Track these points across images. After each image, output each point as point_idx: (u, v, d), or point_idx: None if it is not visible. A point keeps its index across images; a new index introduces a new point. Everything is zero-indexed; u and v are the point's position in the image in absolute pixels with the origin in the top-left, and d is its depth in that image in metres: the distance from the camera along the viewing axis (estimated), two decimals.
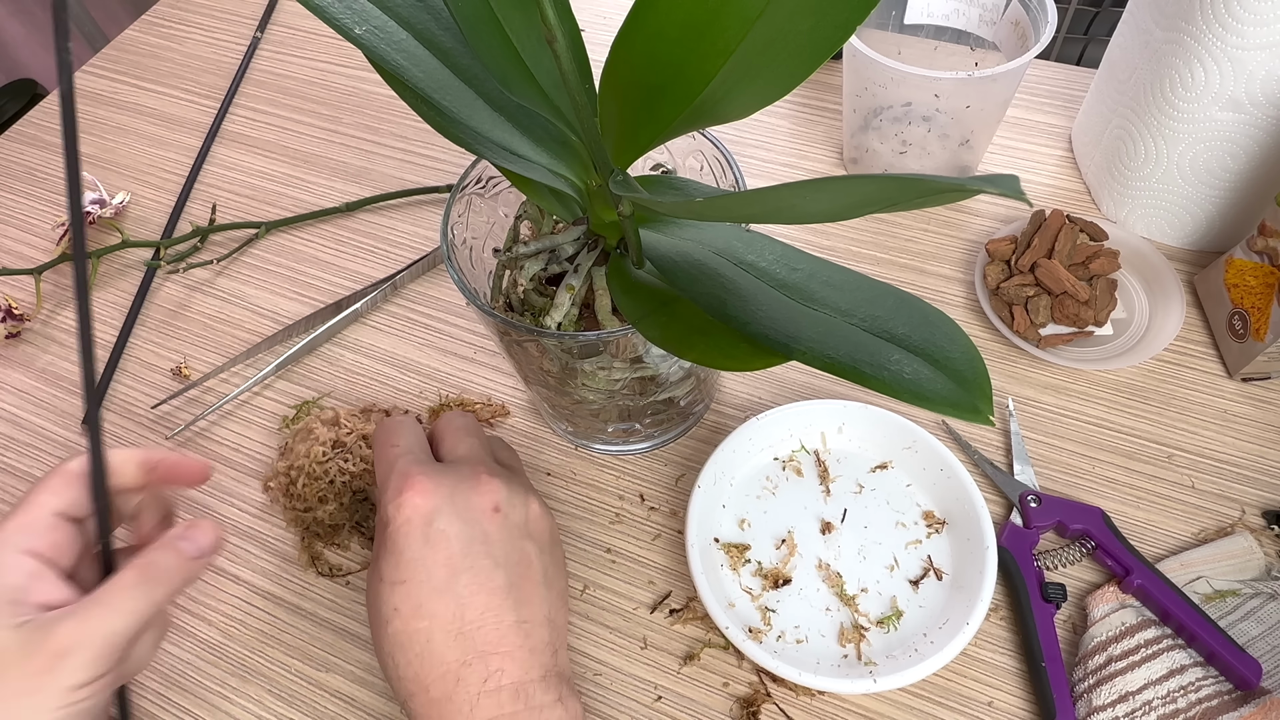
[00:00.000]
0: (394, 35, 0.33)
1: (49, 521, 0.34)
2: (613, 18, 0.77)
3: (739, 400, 0.55)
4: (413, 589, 0.36)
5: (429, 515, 0.37)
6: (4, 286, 0.65)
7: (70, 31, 0.28)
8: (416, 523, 0.37)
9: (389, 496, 0.38)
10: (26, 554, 0.33)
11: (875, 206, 0.27)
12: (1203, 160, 0.54)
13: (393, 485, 0.38)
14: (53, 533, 0.34)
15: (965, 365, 0.31)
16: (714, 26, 0.29)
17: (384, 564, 0.37)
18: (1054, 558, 0.47)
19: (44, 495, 0.35)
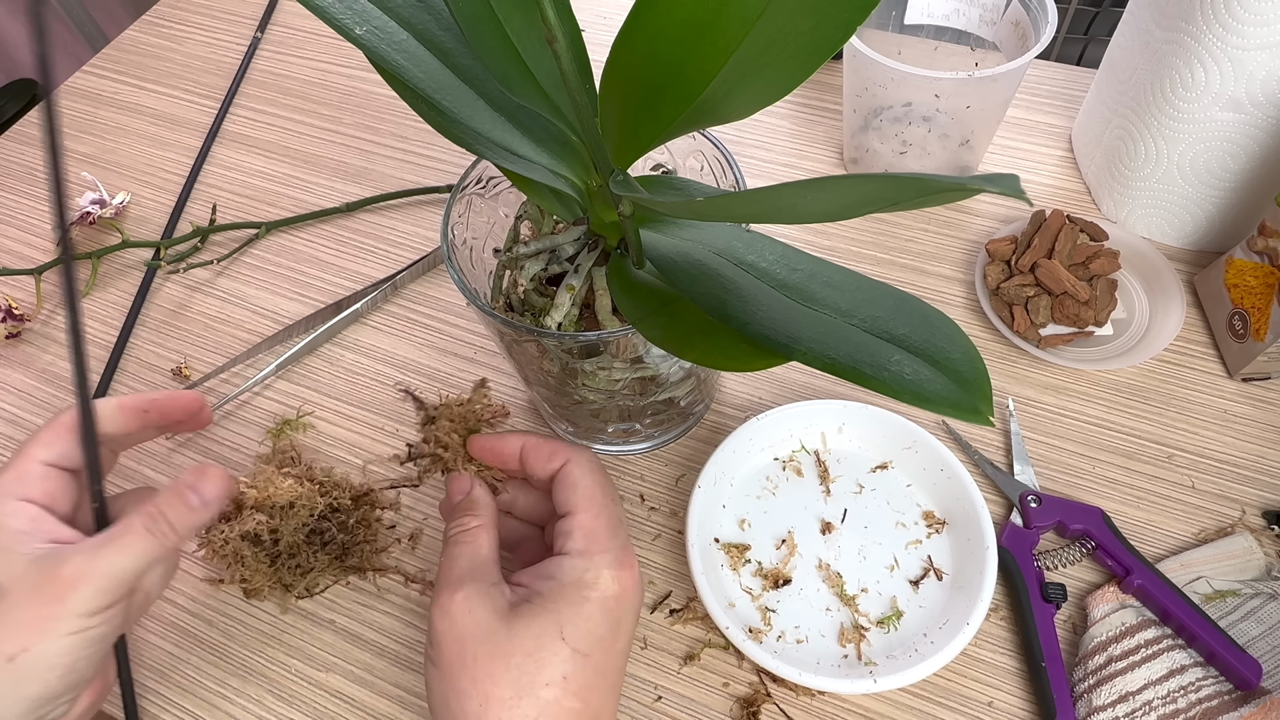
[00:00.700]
0: (394, 35, 0.33)
1: (41, 471, 0.36)
2: (613, 18, 0.77)
3: (739, 400, 0.55)
4: (589, 667, 0.34)
5: (627, 602, 0.36)
6: (4, 286, 0.65)
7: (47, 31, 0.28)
8: (623, 603, 0.35)
9: (610, 561, 0.36)
10: (23, 501, 0.35)
11: (876, 206, 0.27)
12: (1203, 160, 0.54)
13: (618, 552, 0.36)
14: (45, 482, 0.36)
15: (965, 366, 0.31)
16: (715, 27, 0.29)
17: (568, 620, 0.34)
18: (1054, 558, 0.47)
19: (34, 448, 0.37)
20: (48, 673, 0.33)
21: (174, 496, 0.36)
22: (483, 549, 0.37)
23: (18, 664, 0.32)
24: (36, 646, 0.32)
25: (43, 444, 0.37)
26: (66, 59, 1.47)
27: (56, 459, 0.37)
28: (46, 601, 0.33)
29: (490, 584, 0.36)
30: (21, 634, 0.32)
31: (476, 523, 0.38)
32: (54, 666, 0.33)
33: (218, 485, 0.37)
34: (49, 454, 0.37)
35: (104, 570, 0.34)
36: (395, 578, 0.49)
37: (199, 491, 0.37)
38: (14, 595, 0.33)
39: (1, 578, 0.33)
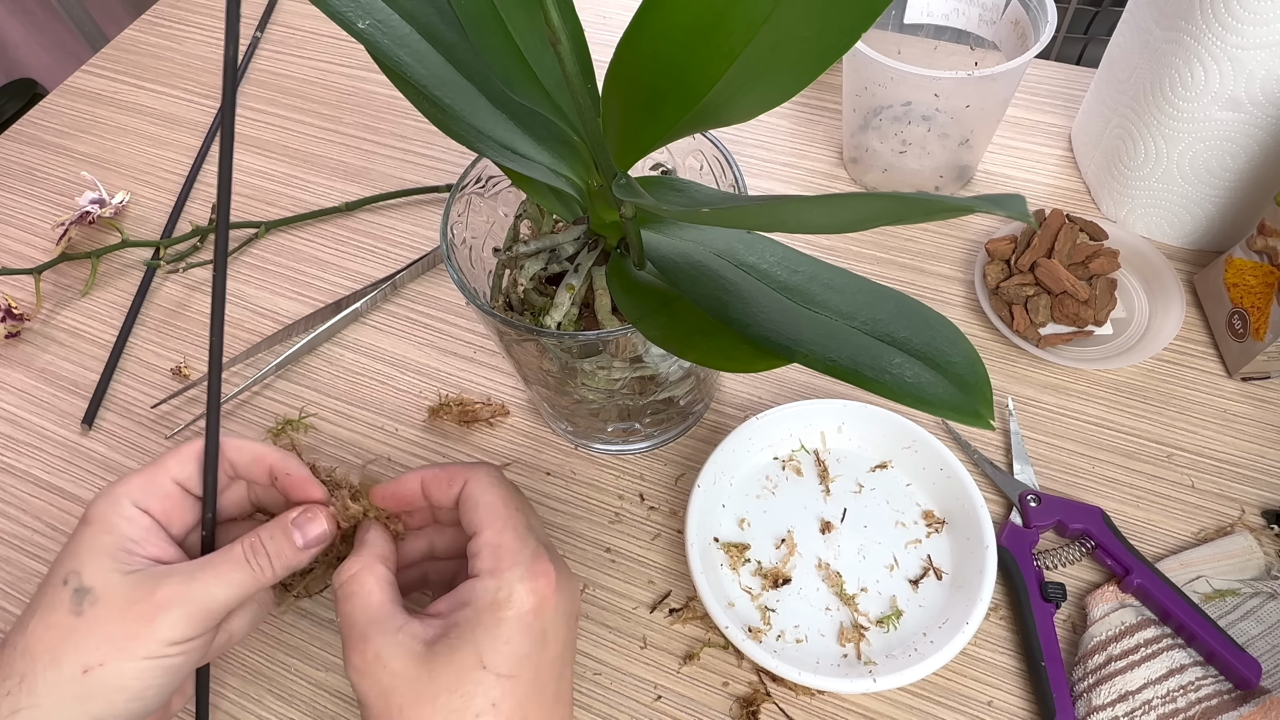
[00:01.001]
0: (397, 30, 0.33)
1: (167, 488, 0.36)
2: (614, 18, 0.77)
3: (739, 400, 0.55)
4: (519, 687, 0.33)
5: (549, 611, 0.34)
6: (4, 286, 0.65)
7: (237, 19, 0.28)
8: (544, 613, 0.34)
9: (521, 574, 0.34)
10: (143, 511, 0.35)
11: (880, 222, 0.27)
12: (1203, 160, 0.54)
13: (528, 563, 0.34)
14: (168, 499, 0.36)
15: (966, 369, 0.31)
16: (719, 30, 0.28)
17: (486, 647, 0.33)
18: (1054, 557, 0.47)
19: (170, 462, 0.37)
20: (116, 693, 0.32)
21: (279, 532, 0.36)
22: (372, 596, 0.35)
23: (91, 678, 0.32)
24: (113, 664, 0.32)
25: (178, 461, 0.37)
26: (66, 59, 1.47)
27: (186, 479, 0.37)
28: (135, 620, 0.33)
29: (395, 629, 0.33)
30: (104, 648, 0.32)
31: (356, 567, 0.36)
32: (124, 689, 0.33)
33: (322, 527, 0.37)
34: (181, 472, 0.37)
35: (197, 597, 0.34)
36: None
37: (303, 531, 0.37)
38: (105, 607, 0.33)
39: (98, 584, 0.33)
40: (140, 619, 0.32)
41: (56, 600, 0.33)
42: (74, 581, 0.33)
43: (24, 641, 0.32)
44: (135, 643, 0.32)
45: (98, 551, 0.34)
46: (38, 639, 0.32)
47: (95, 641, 0.32)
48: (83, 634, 0.32)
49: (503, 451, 0.54)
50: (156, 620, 0.33)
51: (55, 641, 0.32)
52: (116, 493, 0.35)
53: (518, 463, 0.53)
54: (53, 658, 0.32)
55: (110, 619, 0.32)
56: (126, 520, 0.35)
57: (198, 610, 0.34)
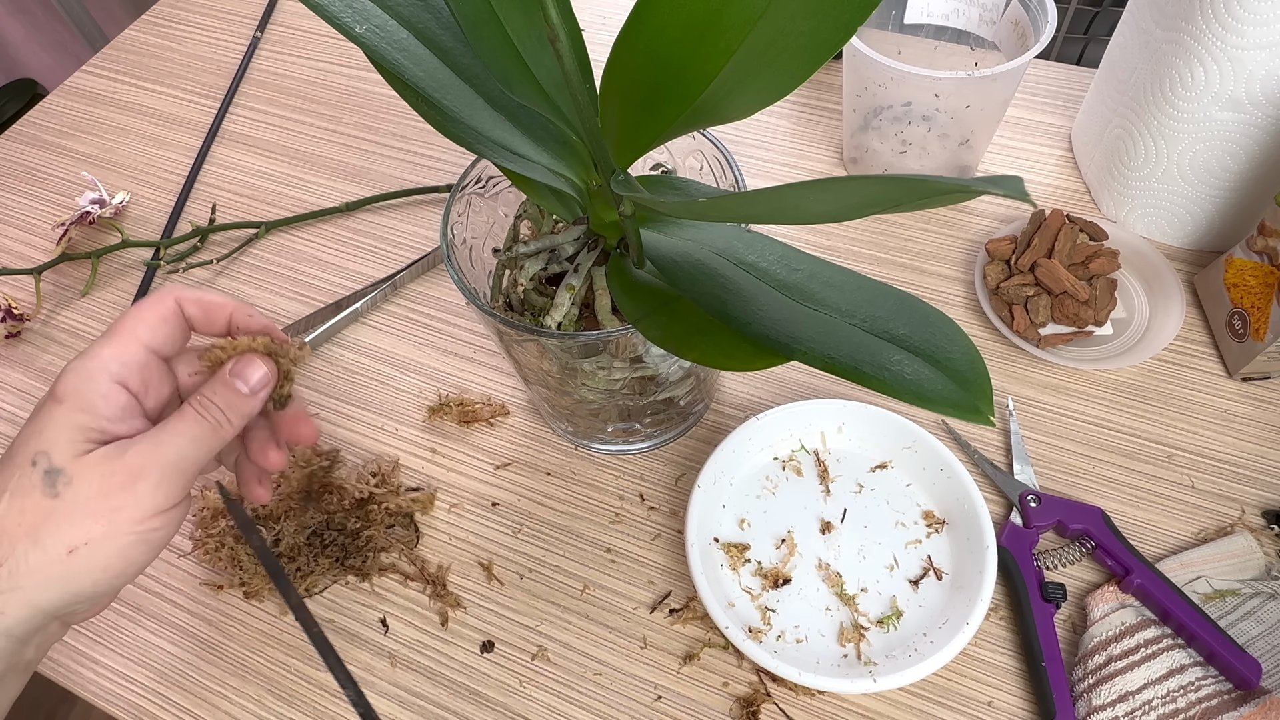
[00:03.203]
0: (394, 34, 0.33)
1: (142, 357, 0.35)
2: (613, 17, 0.77)
3: (739, 400, 0.55)
4: None
5: None
6: (4, 286, 0.65)
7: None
8: None
9: None
10: (121, 385, 0.34)
11: (878, 207, 0.27)
12: (1203, 160, 0.54)
13: None
14: (144, 369, 0.35)
15: (966, 366, 0.31)
16: (715, 27, 0.29)
17: None
18: (1054, 557, 0.47)
19: (139, 327, 0.35)
20: (100, 571, 0.32)
21: (219, 384, 0.36)
22: None
23: (75, 557, 0.32)
24: (99, 542, 0.32)
25: (147, 325, 0.35)
26: (66, 59, 1.47)
27: (160, 344, 0.36)
28: (115, 492, 0.32)
29: None
30: (87, 525, 0.32)
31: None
32: (108, 567, 0.33)
33: (261, 370, 0.36)
34: (153, 338, 0.35)
35: (169, 459, 0.33)
36: (394, 577, 0.49)
37: (244, 378, 0.36)
38: (82, 484, 0.32)
39: (69, 465, 0.32)
40: (120, 490, 0.32)
41: (27, 484, 0.32)
42: (43, 463, 0.32)
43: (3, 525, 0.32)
44: (120, 516, 0.32)
45: (69, 430, 0.32)
46: (13, 523, 0.32)
47: (78, 520, 0.32)
48: (63, 514, 0.32)
49: (503, 451, 0.54)
50: (136, 490, 0.32)
51: (34, 524, 0.32)
52: (90, 367, 0.34)
53: (517, 463, 0.53)
54: (33, 539, 0.32)
55: (90, 497, 0.32)
56: (103, 398, 0.33)
57: (173, 472, 0.33)
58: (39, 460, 0.32)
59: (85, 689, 0.47)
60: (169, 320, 0.36)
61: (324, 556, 0.49)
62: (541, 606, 0.48)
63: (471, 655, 0.47)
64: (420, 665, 0.47)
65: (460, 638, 0.47)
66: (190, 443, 0.34)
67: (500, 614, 0.48)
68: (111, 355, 0.34)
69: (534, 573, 0.49)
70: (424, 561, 0.50)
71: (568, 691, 0.45)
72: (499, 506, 0.52)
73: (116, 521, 0.32)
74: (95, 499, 0.32)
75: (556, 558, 0.50)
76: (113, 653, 0.48)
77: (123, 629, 0.49)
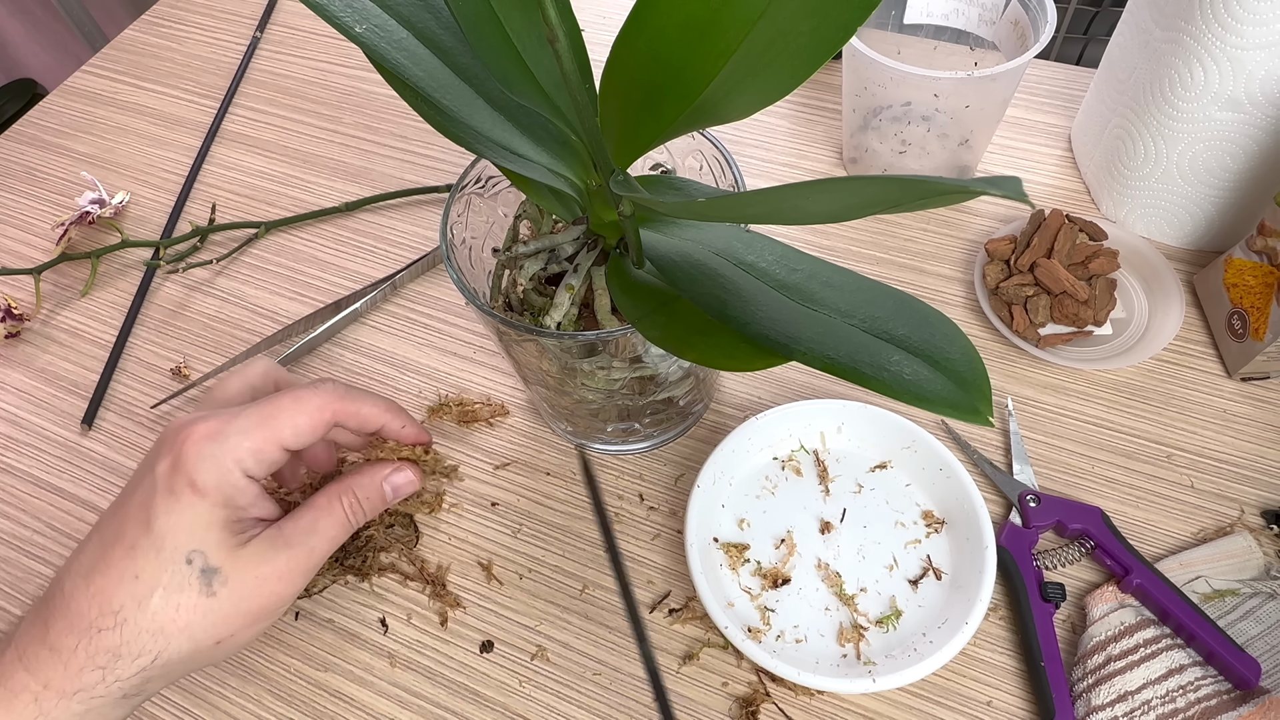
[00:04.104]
0: (394, 34, 0.33)
1: (277, 456, 0.35)
2: (613, 17, 0.77)
3: (738, 400, 0.55)
4: None
5: None
6: (4, 286, 0.65)
7: None
8: None
9: None
10: (251, 480, 0.35)
11: (878, 208, 0.27)
12: (1202, 160, 0.54)
13: None
14: (275, 465, 0.36)
15: (965, 366, 0.31)
16: (715, 27, 0.29)
17: None
18: (1053, 557, 0.47)
19: (286, 432, 0.35)
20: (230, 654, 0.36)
21: (373, 489, 0.38)
22: None
23: (220, 648, 0.35)
24: (242, 634, 0.35)
25: (297, 433, 0.36)
26: (66, 59, 1.47)
27: (300, 445, 0.36)
28: (266, 595, 0.35)
29: None
30: (237, 622, 0.35)
31: None
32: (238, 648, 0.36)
33: (413, 483, 0.39)
34: (297, 441, 0.36)
35: (315, 560, 0.36)
36: (394, 577, 0.49)
37: (396, 488, 0.38)
38: (237, 586, 0.34)
39: (224, 564, 0.34)
40: (270, 594, 0.35)
41: (182, 580, 0.33)
42: (199, 561, 0.33)
43: (150, 622, 0.33)
44: (266, 615, 0.35)
45: (218, 527, 0.34)
46: (168, 619, 0.33)
47: (232, 619, 0.34)
48: (219, 614, 0.34)
49: (503, 451, 0.54)
50: (284, 593, 0.35)
51: (189, 621, 0.33)
52: (227, 462, 0.34)
53: (517, 463, 0.53)
54: (188, 635, 0.34)
55: (244, 597, 0.34)
56: (239, 491, 0.34)
57: (311, 570, 0.36)
58: (194, 559, 0.33)
59: None
60: (318, 431, 0.36)
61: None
62: (541, 606, 0.48)
63: (471, 655, 0.47)
64: (420, 665, 0.47)
65: (460, 638, 0.47)
66: (332, 542, 0.37)
67: (500, 614, 0.48)
68: (252, 452, 0.34)
69: (534, 573, 0.49)
70: (423, 561, 0.50)
71: (567, 691, 0.45)
72: (499, 506, 0.52)
73: (261, 621, 0.35)
74: (249, 599, 0.34)
75: (556, 558, 0.50)
76: None
77: None
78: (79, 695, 0.33)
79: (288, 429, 0.35)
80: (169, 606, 0.33)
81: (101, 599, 0.33)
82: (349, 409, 0.37)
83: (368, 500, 0.38)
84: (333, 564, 0.49)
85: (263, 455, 0.35)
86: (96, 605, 0.33)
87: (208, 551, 0.34)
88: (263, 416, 0.35)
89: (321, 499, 0.37)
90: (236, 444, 0.34)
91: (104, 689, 0.33)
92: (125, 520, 0.34)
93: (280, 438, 0.35)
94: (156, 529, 0.33)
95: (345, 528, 0.37)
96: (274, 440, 0.35)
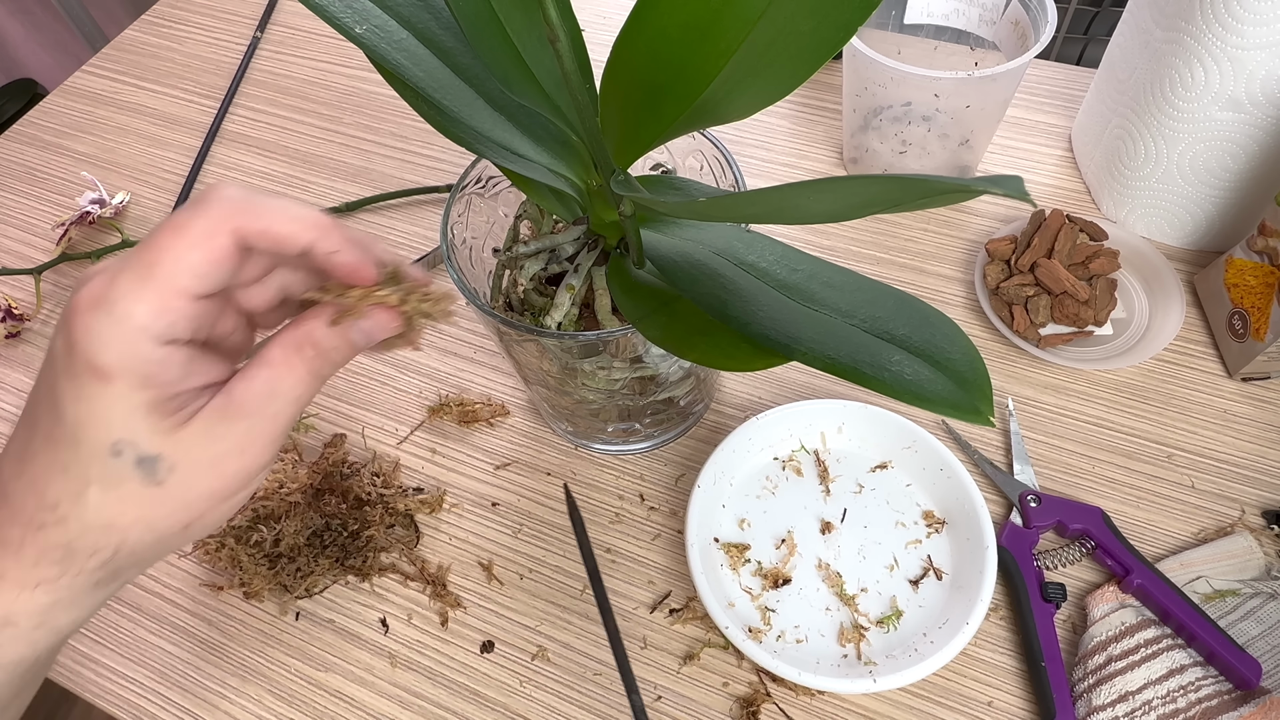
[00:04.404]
0: (394, 34, 0.33)
1: (191, 310, 0.27)
2: (613, 17, 0.77)
3: (739, 400, 0.55)
4: None
5: None
6: (4, 286, 0.65)
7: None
8: None
9: None
10: (172, 344, 0.28)
11: (879, 207, 0.27)
12: (1203, 160, 0.54)
13: None
14: (196, 318, 0.28)
15: (965, 366, 0.31)
16: (715, 27, 0.29)
17: None
18: (1054, 557, 0.47)
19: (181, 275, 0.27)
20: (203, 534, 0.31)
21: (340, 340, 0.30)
22: None
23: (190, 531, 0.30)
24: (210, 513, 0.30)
25: (193, 272, 0.27)
26: (66, 59, 1.47)
27: (213, 288, 0.28)
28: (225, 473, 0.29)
29: None
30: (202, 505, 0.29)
31: None
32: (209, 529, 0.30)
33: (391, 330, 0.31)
34: (201, 285, 0.27)
35: (279, 428, 0.30)
36: (394, 577, 0.49)
37: (364, 331, 0.30)
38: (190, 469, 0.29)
39: (166, 450, 0.28)
40: (231, 472, 0.29)
41: (118, 474, 0.28)
42: (130, 452, 0.28)
43: (95, 518, 0.28)
44: (235, 491, 0.30)
45: (140, 412, 0.27)
46: (115, 513, 0.28)
47: (192, 503, 0.29)
48: (175, 500, 0.29)
49: (503, 452, 0.54)
50: (247, 466, 0.29)
51: (141, 513, 0.29)
52: (127, 333, 0.27)
53: (517, 463, 0.53)
54: (147, 526, 0.29)
55: (199, 478, 0.29)
56: (159, 365, 0.27)
57: (280, 436, 0.30)
58: (123, 450, 0.28)
59: (85, 689, 0.47)
60: (223, 262, 0.28)
61: (324, 556, 0.49)
62: (541, 606, 0.48)
63: (471, 655, 0.47)
64: (420, 665, 0.47)
65: (460, 638, 0.47)
66: (298, 403, 0.30)
67: (500, 614, 0.48)
68: (152, 314, 0.27)
69: (534, 573, 0.49)
70: (424, 562, 0.50)
71: (568, 691, 0.45)
72: (499, 506, 0.52)
73: (229, 500, 0.30)
74: (207, 481, 0.29)
75: (556, 558, 0.50)
76: (113, 653, 0.48)
77: (123, 629, 0.49)
78: (42, 587, 0.29)
79: (183, 272, 0.27)
80: (110, 501, 0.28)
81: (36, 491, 0.28)
82: (253, 226, 0.28)
83: (335, 350, 0.30)
84: (333, 564, 0.49)
85: (168, 314, 0.27)
86: (33, 498, 0.28)
87: (138, 441, 0.27)
88: (145, 265, 0.27)
89: (276, 352, 0.30)
90: (128, 309, 0.26)
91: (68, 581, 0.29)
92: (38, 403, 0.29)
93: (178, 286, 0.27)
94: (67, 419, 0.28)
95: (310, 384, 0.30)
96: (171, 291, 0.27)
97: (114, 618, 0.49)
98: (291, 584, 0.48)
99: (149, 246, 0.27)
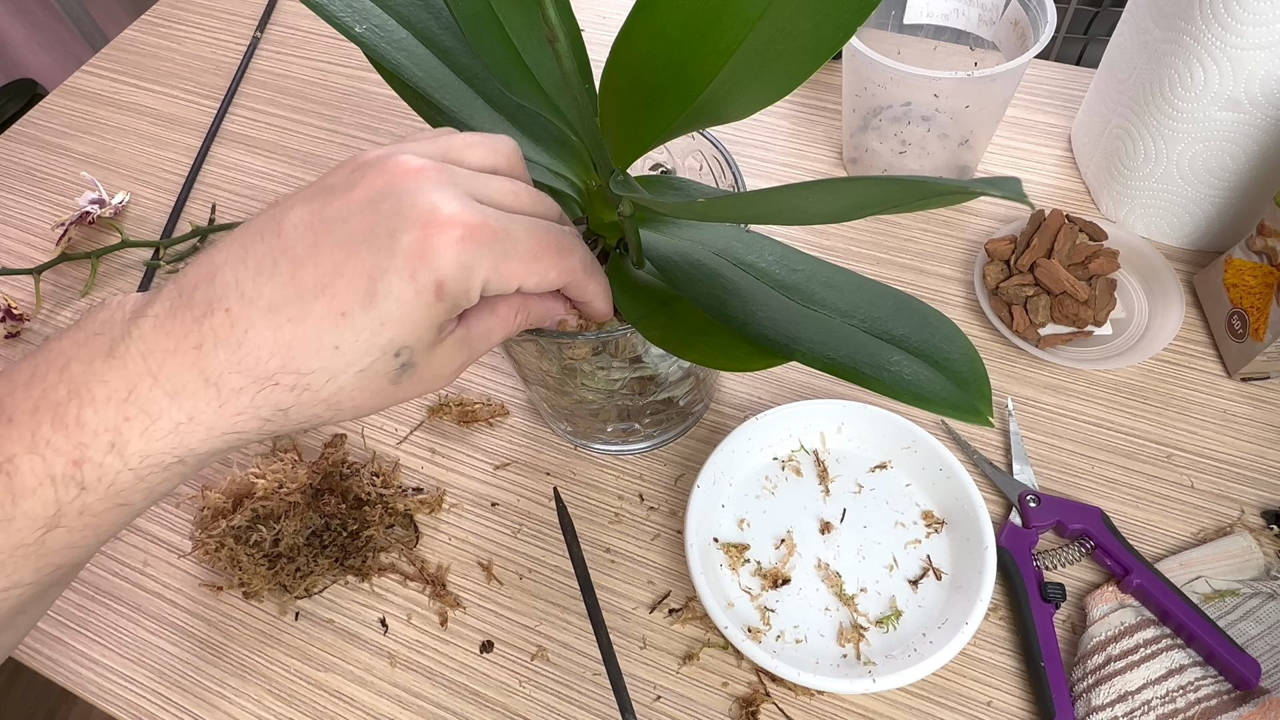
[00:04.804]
0: (394, 34, 0.33)
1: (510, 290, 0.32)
2: (612, 18, 0.77)
3: (738, 400, 0.55)
4: None
5: None
6: (4, 286, 0.65)
7: None
8: None
9: None
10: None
11: (877, 208, 0.27)
12: (1202, 160, 0.54)
13: None
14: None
15: (965, 366, 0.31)
16: (715, 27, 0.29)
17: None
18: (1053, 557, 0.47)
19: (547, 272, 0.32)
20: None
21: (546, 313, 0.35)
22: None
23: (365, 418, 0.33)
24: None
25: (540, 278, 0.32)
26: (66, 59, 1.47)
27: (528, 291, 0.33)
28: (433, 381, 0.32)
29: None
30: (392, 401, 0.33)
31: None
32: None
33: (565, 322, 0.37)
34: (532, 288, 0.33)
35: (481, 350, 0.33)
36: (394, 577, 0.49)
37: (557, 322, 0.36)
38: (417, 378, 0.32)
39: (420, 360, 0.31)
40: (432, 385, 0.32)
41: (382, 370, 0.30)
42: (405, 356, 0.30)
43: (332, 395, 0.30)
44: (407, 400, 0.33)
45: (433, 329, 0.30)
46: (347, 396, 0.30)
47: (390, 399, 0.32)
48: (389, 398, 0.31)
49: (503, 452, 0.54)
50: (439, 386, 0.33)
51: (362, 402, 0.31)
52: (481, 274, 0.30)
53: (517, 463, 0.53)
54: (353, 409, 0.31)
55: (416, 386, 0.32)
56: (470, 303, 0.31)
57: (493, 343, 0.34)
58: (402, 354, 0.30)
59: (85, 689, 0.47)
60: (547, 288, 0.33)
61: (324, 556, 0.49)
62: (541, 606, 0.48)
63: (471, 655, 0.47)
64: (420, 665, 0.47)
65: (460, 638, 0.47)
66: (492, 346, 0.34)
67: (500, 614, 0.48)
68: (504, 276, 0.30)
69: (534, 573, 0.49)
70: (423, 562, 0.50)
71: (567, 691, 0.45)
72: (499, 506, 0.52)
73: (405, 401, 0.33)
74: (417, 388, 0.32)
75: (556, 558, 0.50)
76: (113, 653, 0.48)
77: (122, 629, 0.49)
78: (226, 436, 0.29)
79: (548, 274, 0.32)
80: (354, 386, 0.30)
81: (288, 354, 0.29)
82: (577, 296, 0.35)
83: (539, 318, 0.35)
84: (333, 564, 0.49)
85: (505, 282, 0.31)
86: (280, 358, 0.29)
87: (416, 349, 0.30)
88: (541, 247, 0.31)
89: (504, 308, 0.33)
90: (496, 264, 0.30)
91: (254, 434, 0.30)
92: (339, 275, 0.29)
93: (531, 278, 0.31)
94: (382, 311, 0.29)
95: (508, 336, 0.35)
96: (524, 275, 0.31)
97: (114, 618, 0.49)
98: (291, 584, 0.48)
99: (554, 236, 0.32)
